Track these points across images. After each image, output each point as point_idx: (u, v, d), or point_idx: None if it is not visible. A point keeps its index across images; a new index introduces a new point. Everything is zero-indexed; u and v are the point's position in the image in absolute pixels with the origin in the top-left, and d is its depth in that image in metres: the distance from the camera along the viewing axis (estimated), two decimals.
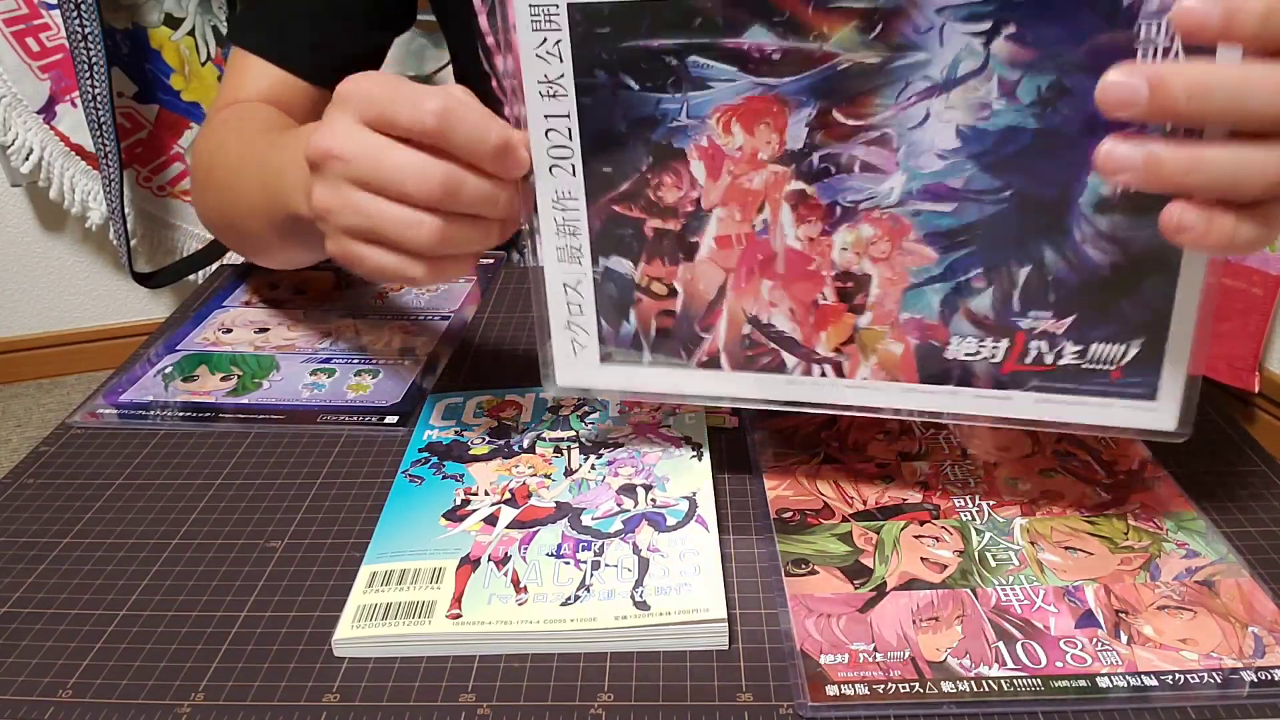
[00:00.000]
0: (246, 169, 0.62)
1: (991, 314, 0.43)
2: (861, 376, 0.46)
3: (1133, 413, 0.44)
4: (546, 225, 0.47)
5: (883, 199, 0.42)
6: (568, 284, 0.48)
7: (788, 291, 0.45)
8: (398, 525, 0.50)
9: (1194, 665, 0.41)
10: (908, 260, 0.43)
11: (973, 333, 0.44)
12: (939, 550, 0.47)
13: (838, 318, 0.45)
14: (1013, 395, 0.45)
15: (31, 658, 0.44)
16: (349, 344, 0.68)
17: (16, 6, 1.63)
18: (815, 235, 0.44)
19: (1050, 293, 0.42)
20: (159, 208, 1.85)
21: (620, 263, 0.47)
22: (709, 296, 0.46)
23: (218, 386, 0.63)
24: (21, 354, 2.02)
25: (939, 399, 0.46)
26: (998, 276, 0.43)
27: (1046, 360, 0.44)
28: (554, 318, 0.49)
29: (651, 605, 0.44)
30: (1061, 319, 0.43)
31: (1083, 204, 0.41)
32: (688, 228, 0.45)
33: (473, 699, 0.41)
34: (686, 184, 0.44)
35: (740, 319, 0.46)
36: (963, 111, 0.40)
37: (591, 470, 0.53)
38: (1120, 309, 0.42)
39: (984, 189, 0.41)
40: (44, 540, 0.51)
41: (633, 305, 0.47)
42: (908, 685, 0.40)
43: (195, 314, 0.72)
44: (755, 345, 0.47)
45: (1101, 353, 0.43)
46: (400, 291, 0.75)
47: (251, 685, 0.42)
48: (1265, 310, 1.45)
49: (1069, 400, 0.44)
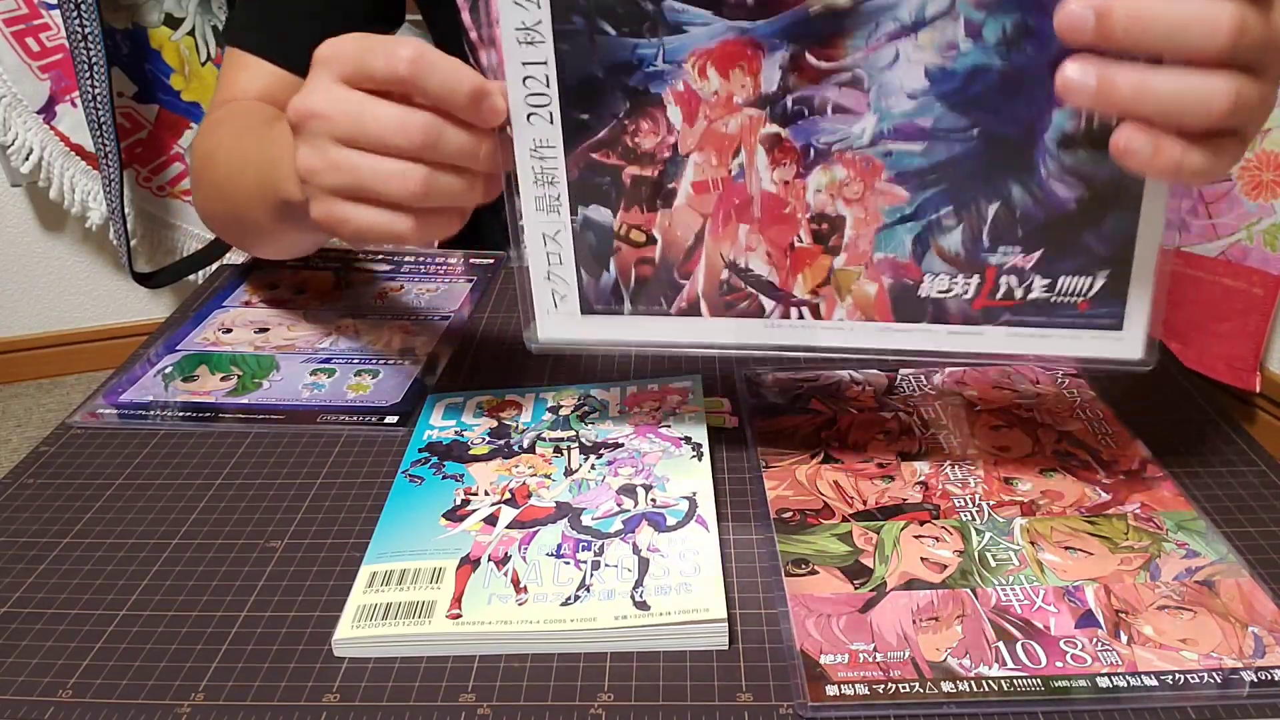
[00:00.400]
0: (243, 161, 0.62)
1: (962, 251, 0.44)
2: (838, 318, 0.47)
3: (1100, 343, 0.45)
4: (525, 174, 0.47)
5: (855, 140, 0.43)
6: (546, 234, 0.48)
7: (764, 235, 0.46)
8: (398, 525, 0.50)
9: (1194, 665, 0.41)
10: (880, 200, 0.44)
11: (944, 270, 0.45)
12: (939, 550, 0.47)
13: (813, 259, 0.46)
14: (984, 330, 0.46)
15: (31, 658, 0.44)
16: (349, 344, 0.68)
17: (16, 6, 1.63)
18: (790, 178, 0.44)
19: (1018, 228, 0.43)
20: (159, 208, 1.85)
21: (599, 211, 0.47)
22: (687, 243, 0.47)
23: (218, 386, 0.63)
24: (21, 354, 2.02)
25: (914, 337, 0.46)
26: (967, 214, 0.44)
27: (1016, 295, 0.45)
28: (534, 270, 0.49)
29: (651, 605, 0.44)
30: (1030, 253, 0.44)
31: (1048, 140, 0.42)
32: (665, 174, 0.45)
33: (473, 699, 0.41)
34: (663, 129, 0.45)
35: (718, 264, 0.47)
36: (931, 52, 0.41)
37: (591, 470, 0.53)
38: (1086, 242, 0.43)
39: (952, 128, 0.42)
40: (44, 540, 0.51)
41: (612, 254, 0.48)
42: (908, 685, 0.40)
43: (195, 314, 0.72)
44: (733, 290, 0.47)
45: (1069, 285, 0.44)
46: (400, 291, 0.75)
47: (251, 685, 0.42)
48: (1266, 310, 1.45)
49: (1039, 333, 0.45)
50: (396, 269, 0.79)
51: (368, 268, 0.79)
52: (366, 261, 0.80)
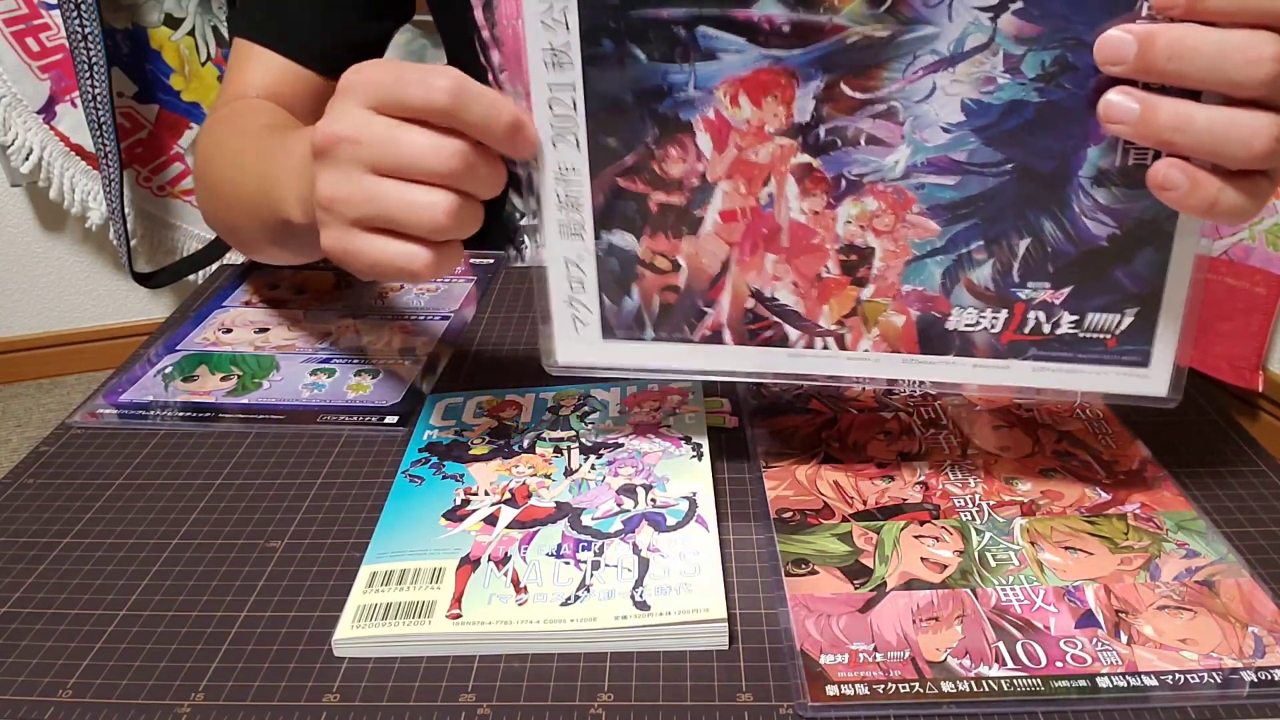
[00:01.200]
0: (243, 169, 0.61)
1: (991, 285, 0.44)
2: (863, 349, 0.46)
3: (1126, 379, 0.45)
4: (548, 199, 0.46)
5: (888, 172, 0.43)
6: (569, 260, 0.47)
7: (791, 265, 0.45)
8: (398, 525, 0.50)
9: (1194, 665, 0.41)
10: (911, 233, 0.44)
11: (973, 304, 0.45)
12: (939, 550, 0.47)
13: (841, 290, 0.45)
14: (1011, 364, 0.46)
15: (31, 658, 0.44)
16: (349, 344, 0.68)
17: (16, 6, 1.63)
18: (820, 209, 0.44)
19: (1049, 264, 0.43)
20: (159, 208, 1.85)
21: (623, 237, 0.46)
22: (713, 271, 0.46)
23: (218, 386, 0.63)
24: (21, 354, 2.02)
25: (939, 369, 0.46)
26: (998, 248, 0.43)
27: (1044, 330, 0.45)
28: (555, 294, 0.48)
29: (651, 605, 0.44)
30: (1059, 289, 0.44)
31: (1082, 177, 0.42)
32: (692, 201, 0.45)
33: (473, 699, 0.41)
34: (692, 157, 0.44)
35: (744, 293, 0.46)
36: (968, 85, 0.41)
37: (591, 470, 0.53)
38: (1116, 279, 0.43)
39: (987, 162, 0.42)
40: (44, 540, 0.51)
41: (635, 281, 0.47)
42: (908, 685, 0.40)
43: (195, 314, 0.72)
44: (758, 319, 0.47)
45: (1097, 322, 0.44)
46: (400, 291, 0.75)
47: (251, 685, 0.42)
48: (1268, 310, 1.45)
49: (1066, 368, 0.45)
50: None
51: None
52: None
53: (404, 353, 0.67)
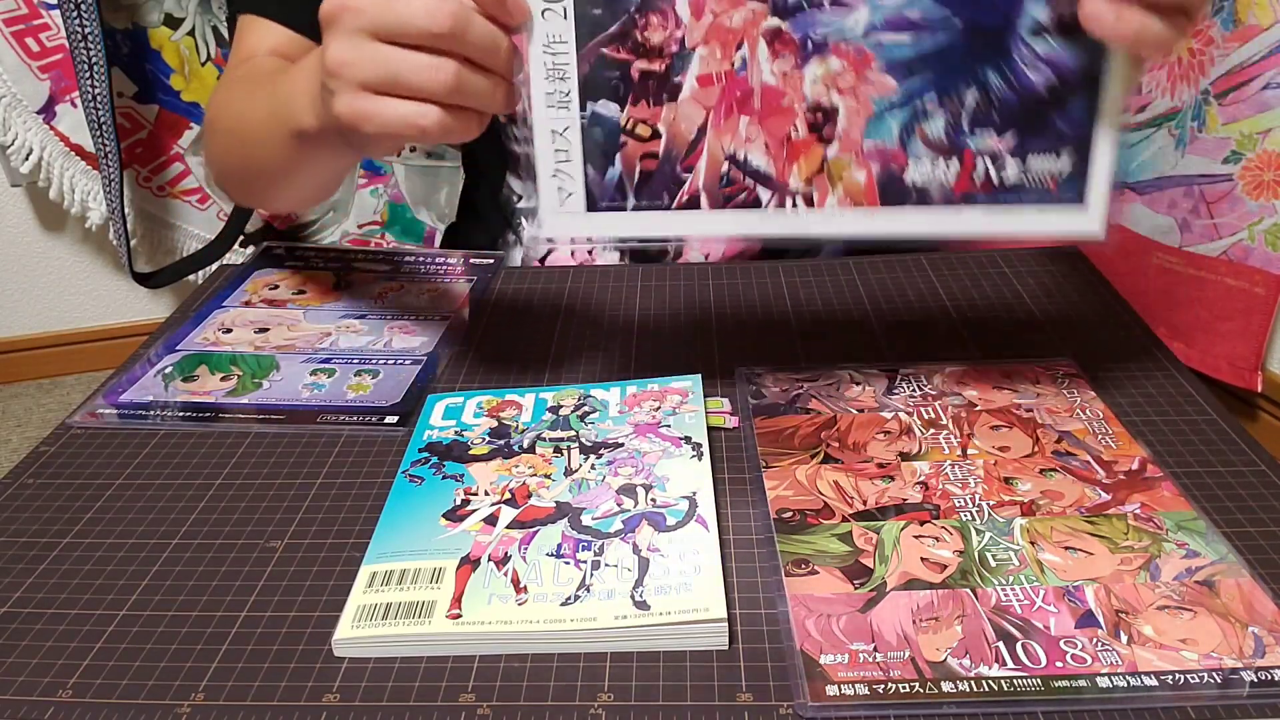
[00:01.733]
0: (254, 101, 0.64)
1: (944, 136, 0.49)
2: (830, 205, 0.50)
3: (1065, 217, 0.50)
4: (536, 71, 0.49)
5: (849, 31, 0.48)
6: (555, 130, 0.50)
7: (763, 126, 0.49)
8: (398, 525, 0.50)
9: (1194, 665, 0.41)
10: (871, 90, 0.48)
11: (927, 154, 0.49)
12: (939, 550, 0.47)
13: (808, 150, 0.49)
14: (964, 211, 0.50)
15: (31, 658, 0.44)
16: (349, 344, 0.68)
17: (16, 6, 1.63)
18: (789, 69, 0.48)
19: (995, 113, 0.48)
20: (159, 208, 1.85)
21: (607, 106, 0.49)
22: (690, 136, 0.50)
23: (218, 386, 0.63)
24: (21, 354, 2.01)
25: (899, 221, 0.50)
26: (949, 100, 0.48)
27: (993, 178, 0.50)
28: (541, 166, 0.51)
29: (651, 605, 0.44)
30: (1004, 136, 0.49)
31: (1022, 29, 0.47)
32: (672, 68, 0.48)
33: (473, 699, 0.41)
34: (672, 24, 0.48)
35: (719, 157, 0.50)
36: None
37: (591, 470, 0.53)
38: (1055, 125, 0.48)
39: (937, 18, 0.47)
40: (44, 540, 0.51)
41: (618, 149, 0.50)
42: (908, 685, 0.40)
43: (195, 314, 0.72)
44: (733, 183, 0.50)
45: (1040, 168, 0.49)
46: (400, 291, 0.75)
47: (251, 685, 0.42)
48: (1268, 310, 1.45)
49: (1013, 210, 0.50)
50: (396, 269, 0.79)
51: (368, 268, 0.79)
52: (366, 262, 0.80)
53: (404, 353, 0.67)
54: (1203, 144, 1.43)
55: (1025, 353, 0.64)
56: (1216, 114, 1.41)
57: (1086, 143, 0.49)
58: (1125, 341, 0.65)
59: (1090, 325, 0.68)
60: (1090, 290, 0.66)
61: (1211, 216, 1.46)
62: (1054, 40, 0.47)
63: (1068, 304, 0.70)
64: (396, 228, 1.75)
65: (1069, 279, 0.73)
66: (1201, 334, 1.51)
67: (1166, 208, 1.47)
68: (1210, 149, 1.42)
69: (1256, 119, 1.38)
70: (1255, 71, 1.37)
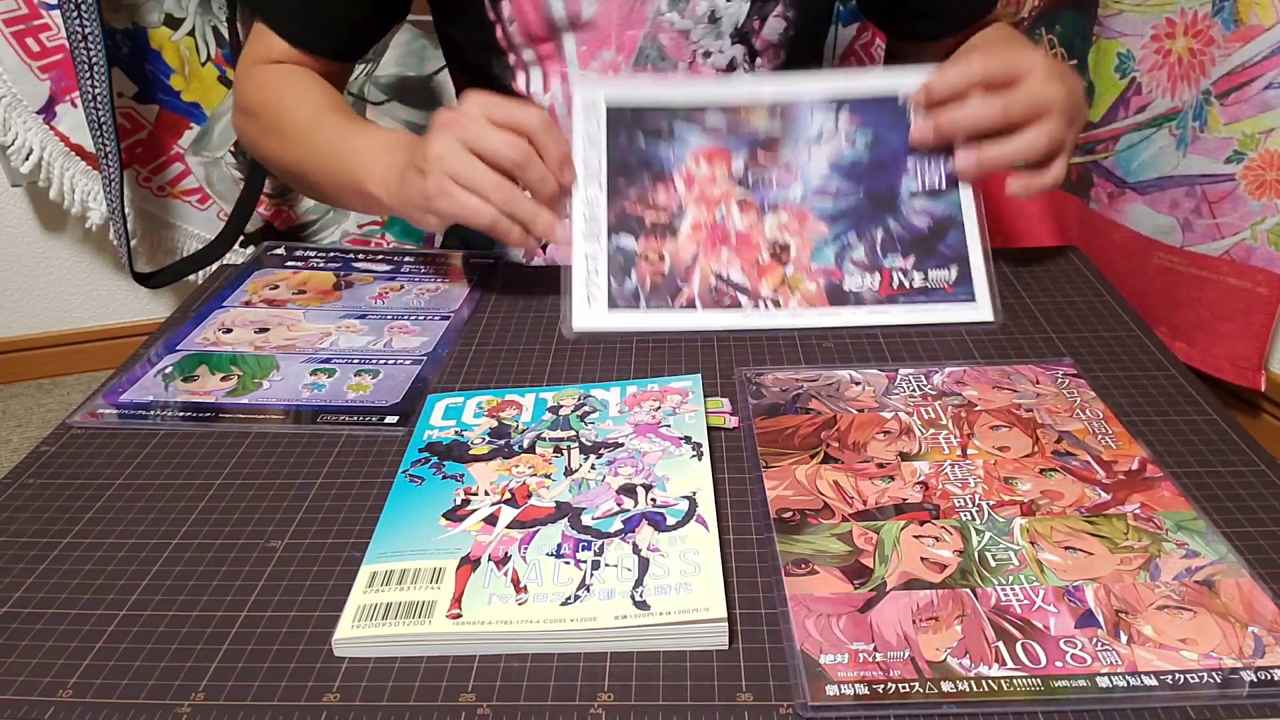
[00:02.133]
0: (317, 141, 0.77)
1: (866, 259, 0.69)
2: (792, 307, 0.68)
3: (963, 310, 0.68)
4: (577, 217, 0.69)
5: (790, 198, 0.70)
6: (588, 255, 0.68)
7: (739, 255, 0.68)
8: (398, 525, 0.50)
9: (1194, 665, 0.41)
10: (811, 232, 0.69)
11: (857, 271, 0.68)
12: (939, 550, 0.47)
13: (772, 270, 0.68)
14: (889, 308, 0.68)
15: (31, 658, 0.44)
16: (349, 344, 0.68)
17: (16, 6, 1.63)
18: (753, 221, 0.69)
19: (897, 244, 0.68)
20: (159, 208, 1.85)
21: (627, 240, 0.69)
22: (687, 261, 0.69)
23: (218, 386, 0.63)
24: (21, 354, 2.01)
25: (843, 317, 0.67)
26: (866, 238, 0.68)
27: (906, 284, 0.68)
28: (576, 278, 0.68)
29: (651, 605, 0.44)
30: (907, 259, 0.68)
31: (903, 193, 0.69)
32: (673, 219, 0.69)
33: (473, 699, 0.41)
34: (672, 193, 0.70)
35: (709, 274, 0.68)
36: (830, 151, 0.70)
37: (591, 470, 0.53)
38: (940, 250, 0.68)
39: (849, 191, 0.69)
40: (44, 540, 0.51)
41: (634, 267, 0.68)
42: (908, 685, 0.40)
43: (195, 314, 0.72)
44: (719, 292, 0.68)
45: (937, 277, 0.68)
46: (400, 291, 0.75)
47: (251, 685, 0.42)
48: (1270, 310, 1.45)
49: (924, 308, 0.68)
50: (396, 269, 0.79)
51: (368, 268, 0.79)
52: (366, 261, 0.80)
53: (404, 353, 0.67)
54: (1205, 144, 1.43)
55: (1025, 353, 0.64)
56: (1218, 114, 1.41)
57: (965, 259, 0.67)
58: (1125, 341, 0.65)
59: (1090, 325, 0.68)
60: (1090, 290, 0.66)
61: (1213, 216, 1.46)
62: (926, 199, 0.69)
63: (1068, 304, 0.70)
64: (397, 228, 1.75)
65: (1069, 279, 0.73)
66: (1203, 334, 1.51)
67: (1168, 208, 1.47)
68: (1212, 149, 1.42)
69: (1258, 119, 1.38)
70: (1257, 71, 1.37)
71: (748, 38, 0.83)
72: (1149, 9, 1.43)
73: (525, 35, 0.82)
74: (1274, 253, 1.41)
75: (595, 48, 0.82)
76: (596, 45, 0.82)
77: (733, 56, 0.83)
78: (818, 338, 0.67)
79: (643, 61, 0.82)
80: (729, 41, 0.82)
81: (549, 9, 0.80)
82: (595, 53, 0.82)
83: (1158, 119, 1.47)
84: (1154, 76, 1.46)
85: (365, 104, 1.65)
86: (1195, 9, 1.39)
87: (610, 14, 0.80)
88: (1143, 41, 1.44)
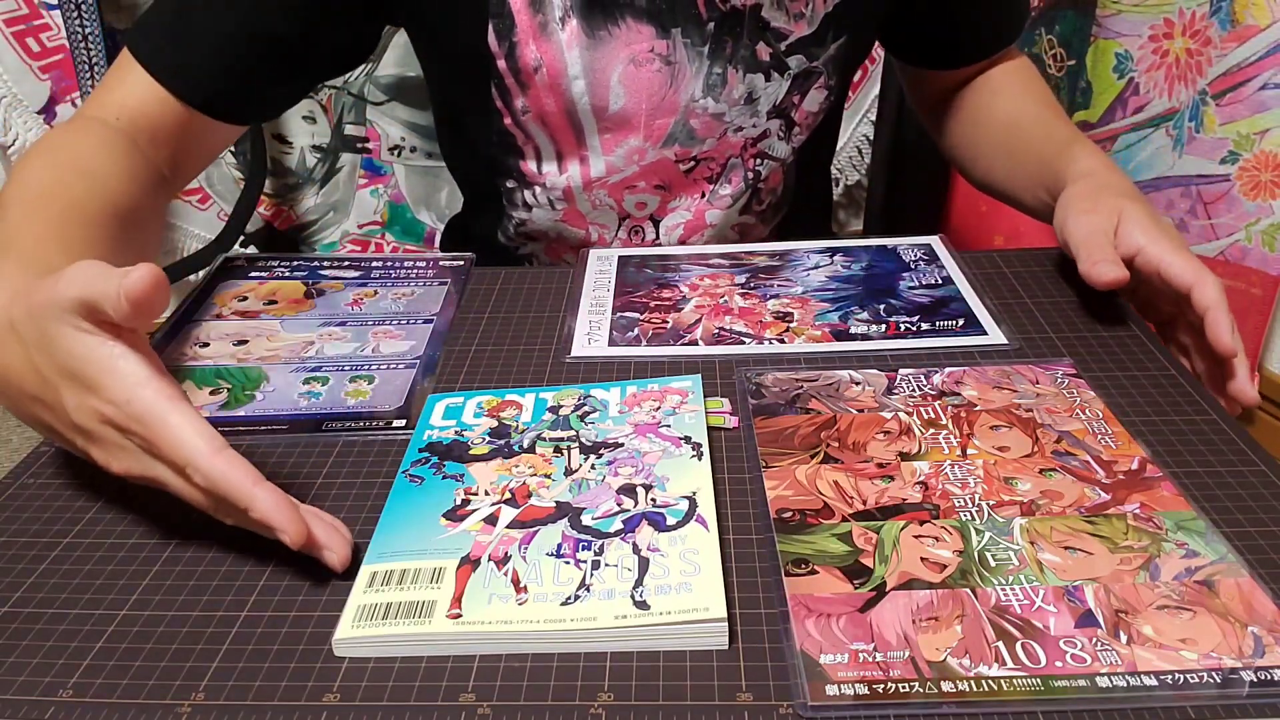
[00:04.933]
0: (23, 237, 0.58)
1: (870, 316, 0.70)
2: (798, 343, 0.67)
3: (977, 340, 0.67)
4: (584, 305, 0.73)
5: (791, 293, 0.73)
6: (593, 321, 0.70)
7: (742, 319, 0.70)
8: (398, 525, 0.50)
9: (1194, 665, 0.41)
10: (813, 307, 0.71)
11: (863, 323, 0.69)
12: (939, 550, 0.47)
13: (776, 325, 0.69)
14: (898, 342, 0.67)
15: (31, 658, 0.44)
16: (335, 351, 0.67)
17: (16, 6, 1.63)
18: (756, 303, 0.72)
19: (902, 309, 0.71)
20: None
21: (631, 315, 0.71)
22: (689, 322, 0.70)
23: (208, 401, 0.62)
24: None
25: (852, 347, 0.67)
26: (869, 309, 0.71)
27: (913, 330, 0.68)
28: (579, 326, 0.69)
29: (651, 605, 0.44)
30: (913, 317, 0.70)
31: (901, 289, 0.73)
32: (676, 303, 0.73)
33: (473, 699, 0.41)
34: (678, 291, 0.74)
35: (711, 328, 0.69)
36: (826, 274, 0.75)
37: (591, 470, 0.53)
38: (943, 313, 0.70)
39: (848, 291, 0.73)
40: (44, 540, 0.51)
41: (637, 327, 0.70)
42: (907, 685, 0.40)
43: (165, 330, 0.70)
44: (721, 337, 0.68)
45: (944, 323, 0.69)
46: (375, 297, 0.74)
47: (251, 685, 0.42)
48: (1264, 311, 1.45)
49: (935, 339, 0.67)
50: (366, 275, 0.77)
51: (336, 275, 0.77)
52: (333, 268, 0.78)
53: (395, 357, 0.66)
54: (1200, 144, 1.43)
55: (1025, 353, 0.64)
56: (1214, 114, 1.41)
57: (972, 314, 0.69)
58: (1125, 341, 0.66)
59: (1090, 325, 0.68)
60: (1090, 290, 0.66)
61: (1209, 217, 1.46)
62: (924, 290, 0.73)
63: (1068, 304, 0.70)
64: (397, 228, 1.75)
65: (1069, 279, 0.73)
66: None
67: (1164, 208, 1.47)
68: (1208, 149, 1.42)
69: (1254, 119, 1.38)
70: (1253, 72, 1.37)
71: (786, 112, 0.81)
72: (1147, 9, 1.43)
73: (541, 123, 0.78)
74: (1268, 253, 1.41)
75: (622, 136, 0.78)
76: (624, 134, 0.78)
77: (767, 129, 0.81)
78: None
79: (670, 143, 0.79)
80: (764, 118, 0.80)
81: (572, 102, 0.75)
82: (621, 140, 0.79)
83: (1154, 119, 1.47)
84: (1151, 77, 1.46)
85: (365, 104, 1.65)
86: (1193, 9, 1.40)
87: (640, 104, 0.76)
88: (1140, 42, 1.45)
